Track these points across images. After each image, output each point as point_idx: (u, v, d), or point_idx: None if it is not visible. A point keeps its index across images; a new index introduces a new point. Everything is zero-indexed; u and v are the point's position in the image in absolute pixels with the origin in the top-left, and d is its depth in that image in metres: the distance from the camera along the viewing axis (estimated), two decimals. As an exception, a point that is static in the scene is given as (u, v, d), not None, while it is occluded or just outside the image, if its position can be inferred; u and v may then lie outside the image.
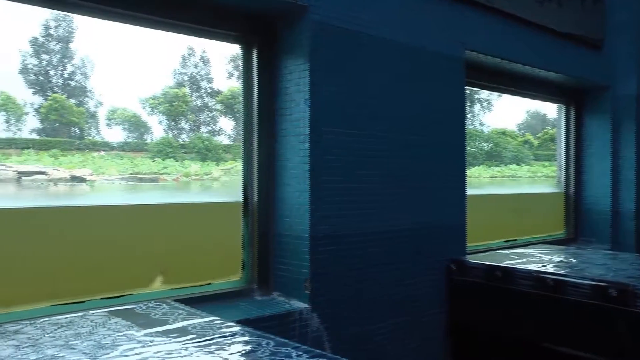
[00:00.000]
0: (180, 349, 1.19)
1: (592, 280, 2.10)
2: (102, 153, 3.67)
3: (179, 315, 1.49)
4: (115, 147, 3.80)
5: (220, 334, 1.31)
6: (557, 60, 3.33)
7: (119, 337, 1.28)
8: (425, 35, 2.48)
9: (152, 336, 1.29)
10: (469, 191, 2.75)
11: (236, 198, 2.17)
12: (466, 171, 2.77)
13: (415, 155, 2.43)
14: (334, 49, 2.09)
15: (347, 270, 2.12)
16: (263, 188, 2.14)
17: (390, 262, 2.29)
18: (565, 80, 3.60)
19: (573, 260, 2.59)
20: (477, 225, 2.94)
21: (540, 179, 5.46)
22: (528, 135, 6.17)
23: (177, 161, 3.78)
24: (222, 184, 3.61)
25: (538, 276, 2.25)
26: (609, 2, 3.76)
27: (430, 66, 2.51)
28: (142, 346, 1.22)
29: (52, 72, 3.81)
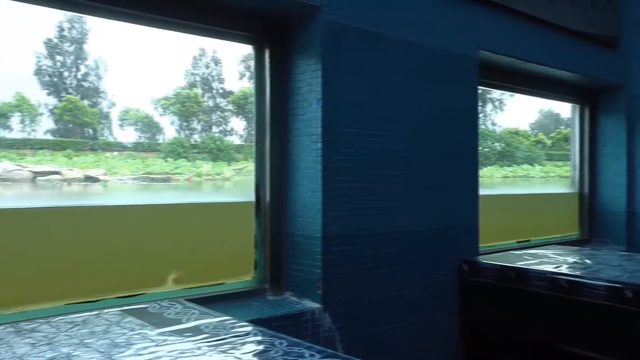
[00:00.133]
0: (194, 348, 1.20)
1: (608, 281, 2.07)
2: (115, 153, 3.69)
3: (192, 314, 1.50)
4: (127, 148, 3.83)
5: (233, 333, 1.31)
6: (571, 60, 3.30)
7: (133, 336, 1.29)
8: (438, 34, 2.46)
9: (166, 335, 1.30)
10: (480, 191, 2.73)
11: (248, 198, 2.18)
12: (479, 171, 2.75)
13: (428, 155, 2.42)
14: (346, 49, 2.08)
15: (359, 271, 2.12)
16: (275, 188, 2.15)
17: (402, 263, 2.28)
18: (580, 80, 3.56)
19: (588, 261, 2.56)
20: (490, 225, 2.92)
21: (553, 179, 5.41)
22: (541, 135, 6.11)
23: (189, 161, 3.80)
24: (234, 184, 3.62)
25: (552, 277, 2.23)
26: (625, 0, 3.71)
27: (443, 66, 2.49)
28: (156, 345, 1.22)
29: (66, 74, 3.84)
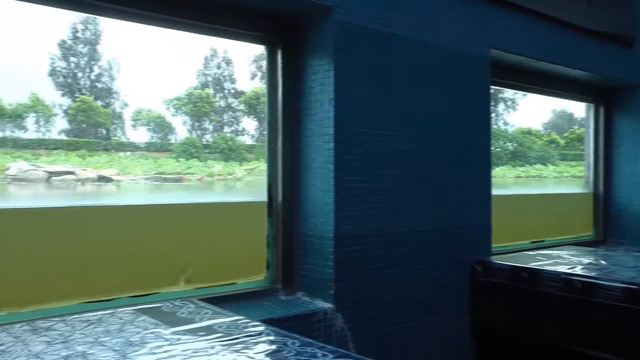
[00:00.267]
0: (207, 348, 1.20)
1: (623, 282, 2.05)
2: (128, 153, 3.72)
3: (204, 314, 1.50)
4: (140, 148, 3.86)
5: (245, 333, 1.32)
6: (586, 58, 3.26)
7: (147, 335, 1.30)
8: (450, 34, 2.45)
9: (179, 334, 1.30)
10: (493, 191, 2.71)
11: (260, 198, 2.18)
12: (491, 171, 2.73)
13: (440, 155, 2.41)
14: (358, 49, 2.08)
15: (372, 271, 2.11)
16: (287, 188, 2.15)
17: (414, 263, 2.28)
18: (594, 79, 3.52)
19: (603, 262, 2.53)
20: (503, 225, 2.90)
21: (567, 179, 5.36)
22: (554, 135, 6.05)
23: (201, 161, 3.82)
24: (246, 184, 3.63)
25: (566, 278, 2.21)
26: (640, -2, 3.67)
27: (455, 65, 2.48)
28: (170, 344, 1.23)
29: (80, 74, 3.88)
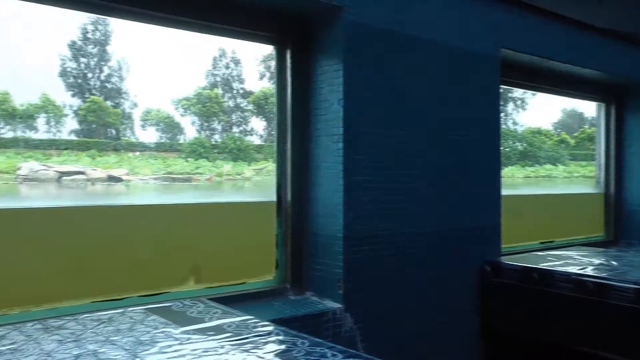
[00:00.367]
0: (217, 347, 1.21)
1: (635, 283, 2.03)
2: (137, 153, 3.75)
3: (214, 313, 1.51)
4: (149, 148, 3.88)
5: (255, 332, 1.32)
6: (597, 57, 3.24)
7: (157, 334, 1.30)
8: (460, 34, 2.44)
9: (189, 334, 1.31)
10: (502, 191, 2.70)
11: (269, 198, 2.19)
12: (501, 171, 2.72)
13: (450, 155, 2.40)
14: (368, 48, 2.08)
15: (381, 271, 2.11)
16: (296, 188, 2.15)
17: (424, 263, 2.27)
18: (605, 78, 3.49)
19: (614, 263, 2.51)
20: (512, 226, 2.88)
21: (577, 179, 5.33)
22: (564, 135, 6.02)
23: (210, 161, 3.83)
24: (254, 183, 3.64)
25: (577, 279, 2.19)
26: (652, -4, 3.63)
27: (465, 65, 2.47)
28: (180, 343, 1.23)
29: (90, 75, 3.91)
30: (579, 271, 2.25)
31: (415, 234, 2.24)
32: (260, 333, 1.31)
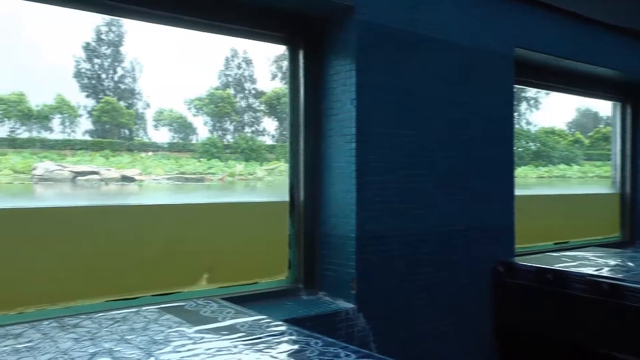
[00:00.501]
0: (230, 347, 1.21)
1: (652, 285, 2.00)
2: (150, 153, 3.77)
3: (227, 313, 1.51)
4: (163, 148, 3.90)
5: (268, 332, 1.32)
6: (612, 56, 3.19)
7: (171, 333, 1.31)
8: (473, 33, 2.42)
9: (203, 333, 1.31)
10: (516, 191, 2.67)
11: (281, 198, 2.19)
12: (514, 171, 2.70)
13: (463, 155, 2.38)
14: (380, 48, 2.07)
15: (394, 271, 2.10)
16: (309, 188, 2.15)
17: (436, 263, 2.26)
18: (621, 77, 3.44)
19: (630, 264, 2.47)
20: (526, 226, 2.86)
21: (591, 180, 5.27)
22: (578, 134, 5.95)
23: (222, 161, 3.84)
24: (266, 184, 3.64)
25: (593, 280, 2.17)
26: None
27: (479, 65, 2.45)
28: (194, 342, 1.24)
29: (104, 76, 3.94)
30: (594, 272, 2.22)
31: (428, 234, 2.23)
32: (274, 333, 1.32)
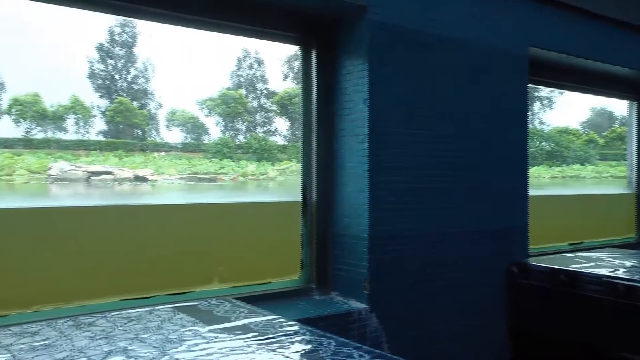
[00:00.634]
0: (244, 346, 1.21)
1: (669, 287, 1.97)
2: (162, 153, 3.79)
3: (240, 313, 1.51)
4: (176, 148, 3.92)
5: (281, 332, 1.32)
6: (627, 54, 3.15)
7: (185, 333, 1.31)
8: (486, 32, 2.41)
9: (216, 332, 1.32)
10: (530, 192, 2.65)
11: (294, 198, 2.19)
12: (528, 171, 2.67)
13: (476, 155, 2.37)
14: (393, 48, 2.06)
15: (406, 271, 2.09)
16: (322, 188, 2.15)
17: (449, 264, 2.24)
18: (636, 75, 3.39)
19: (646, 265, 2.44)
20: (540, 227, 2.83)
21: (606, 180, 5.21)
22: (592, 134, 5.88)
23: (234, 161, 3.86)
24: (278, 184, 3.65)
25: (608, 281, 2.14)
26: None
27: (491, 64, 2.44)
28: (207, 342, 1.24)
29: (117, 76, 3.97)
30: (610, 273, 2.20)
31: (441, 234, 2.22)
32: (287, 333, 1.32)
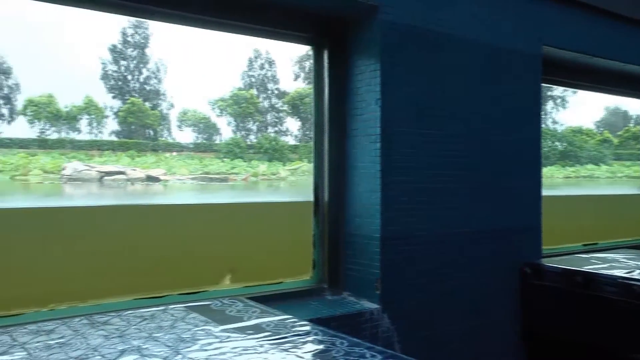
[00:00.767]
0: (256, 346, 1.21)
1: (686, 288, 1.95)
2: (174, 154, 3.82)
3: (252, 312, 1.52)
4: (188, 148, 3.94)
5: (294, 332, 1.32)
6: (643, 53, 3.12)
7: (197, 332, 1.32)
8: (499, 31, 2.39)
9: (229, 332, 1.32)
10: (543, 192, 2.63)
11: (305, 198, 2.19)
12: (542, 171, 2.65)
13: (489, 155, 2.35)
14: (405, 48, 2.06)
15: (419, 271, 2.09)
16: (334, 188, 2.15)
17: (462, 264, 2.23)
18: (652, 74, 3.36)
19: (662, 266, 2.41)
20: (553, 227, 2.81)
21: (620, 180, 5.15)
22: (607, 133, 5.82)
23: (245, 161, 3.87)
24: (289, 183, 3.66)
25: (624, 283, 2.11)
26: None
27: (504, 63, 2.42)
28: (220, 341, 1.25)
29: (130, 77, 4.01)
30: (626, 275, 2.17)
31: (453, 234, 2.21)
32: (299, 333, 1.32)
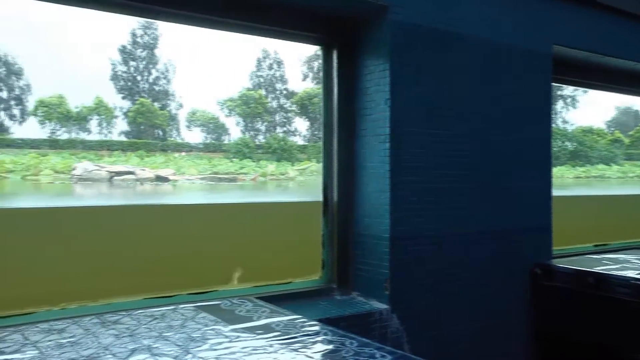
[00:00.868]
0: (266, 346, 1.22)
1: (700, 290, 1.92)
2: (183, 154, 3.84)
3: (262, 312, 1.52)
4: (196, 148, 3.96)
5: (303, 332, 1.32)
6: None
7: (207, 331, 1.32)
8: (509, 31, 2.38)
9: (239, 332, 1.32)
10: (553, 192, 2.61)
11: (314, 198, 2.19)
12: (552, 171, 2.63)
13: (499, 155, 2.34)
14: (414, 48, 2.05)
15: (428, 272, 2.08)
16: (343, 188, 2.14)
17: (472, 265, 2.22)
18: (664, 73, 3.33)
19: (675, 267, 2.38)
20: (564, 227, 2.79)
21: (632, 180, 5.10)
22: (618, 133, 5.77)
23: (254, 161, 3.88)
24: (298, 183, 3.66)
25: (636, 284, 2.09)
26: None
27: (514, 63, 2.40)
28: (230, 341, 1.25)
29: (139, 78, 4.03)
30: (638, 275, 2.15)
31: (463, 234, 2.20)
32: (309, 332, 1.32)
